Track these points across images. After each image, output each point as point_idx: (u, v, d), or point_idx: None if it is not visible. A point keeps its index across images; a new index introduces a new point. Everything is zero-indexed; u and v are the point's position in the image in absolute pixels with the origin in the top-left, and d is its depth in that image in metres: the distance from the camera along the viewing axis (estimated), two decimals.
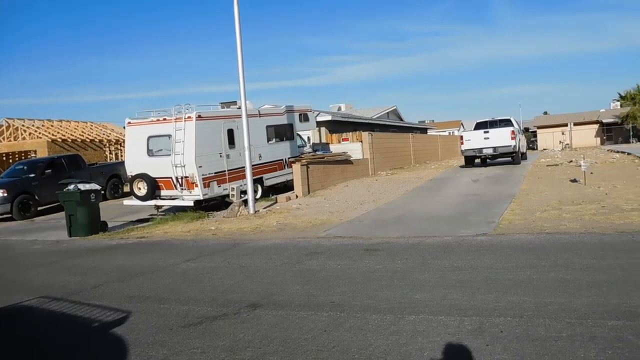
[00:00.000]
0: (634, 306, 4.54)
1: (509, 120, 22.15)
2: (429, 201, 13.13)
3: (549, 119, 62.34)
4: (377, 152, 22.47)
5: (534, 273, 5.90)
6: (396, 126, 36.62)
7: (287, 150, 17.86)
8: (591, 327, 4.15)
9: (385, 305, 5.15)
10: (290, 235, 10.06)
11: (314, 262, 7.52)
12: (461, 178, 17.78)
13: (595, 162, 19.92)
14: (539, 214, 9.96)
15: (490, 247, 7.54)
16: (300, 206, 14.11)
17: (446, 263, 6.74)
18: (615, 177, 14.99)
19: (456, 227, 9.32)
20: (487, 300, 5.01)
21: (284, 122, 18.09)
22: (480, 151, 20.82)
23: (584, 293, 5.03)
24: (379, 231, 9.64)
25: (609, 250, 6.77)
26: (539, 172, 18.24)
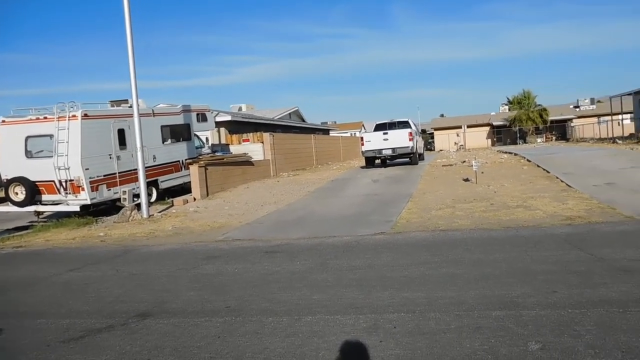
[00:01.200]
0: (515, 296, 4.92)
1: (407, 122, 23.19)
2: (330, 202, 13.37)
3: (445, 121, 66.19)
4: (278, 153, 22.51)
5: (428, 269, 6.21)
6: (298, 127, 36.97)
7: (184, 152, 17.36)
8: (477, 318, 4.44)
9: (283, 307, 5.15)
10: (186, 240, 9.76)
11: (210, 266, 7.35)
12: (362, 178, 18.32)
13: (486, 163, 21.42)
14: (434, 212, 10.51)
15: (387, 246, 7.82)
16: (198, 209, 13.76)
17: (345, 263, 6.89)
18: (503, 176, 16.22)
19: (356, 227, 9.57)
20: (382, 298, 5.19)
21: (181, 122, 17.57)
22: (379, 152, 21.58)
23: (472, 286, 5.37)
24: (279, 233, 9.64)
25: (495, 245, 7.29)
26: (435, 172, 19.27)
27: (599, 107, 55.78)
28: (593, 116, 52.91)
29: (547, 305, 4.61)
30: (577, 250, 6.59)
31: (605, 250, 6.43)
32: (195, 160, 16.71)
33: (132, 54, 12.98)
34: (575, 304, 4.58)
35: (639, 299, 4.58)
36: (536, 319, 4.30)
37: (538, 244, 7.13)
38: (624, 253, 6.25)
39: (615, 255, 6.16)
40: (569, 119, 56.37)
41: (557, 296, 4.83)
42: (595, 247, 6.69)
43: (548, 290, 5.03)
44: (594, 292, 4.86)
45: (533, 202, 10.83)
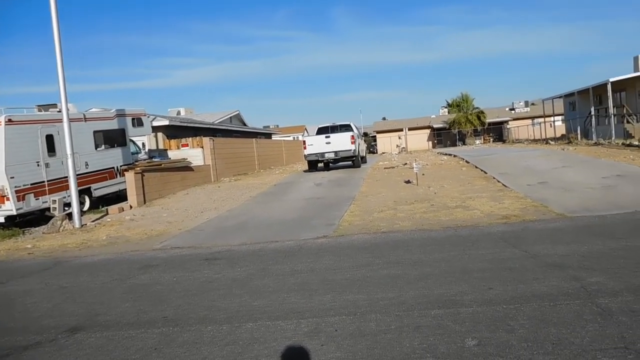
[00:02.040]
0: (453, 295, 5.08)
1: (349, 125, 23.48)
2: (272, 206, 13.33)
3: (387, 124, 67.52)
4: (219, 157, 22.22)
5: (369, 271, 6.30)
6: (240, 131, 36.66)
7: (119, 158, 16.84)
8: (417, 317, 4.54)
9: (223, 315, 5.08)
10: (122, 249, 9.45)
11: (147, 276, 7.15)
12: (304, 182, 18.37)
13: (426, 164, 21.99)
14: (376, 214, 10.69)
15: (329, 249, 7.88)
16: (135, 217, 13.36)
17: (287, 267, 6.89)
18: (443, 177, 16.71)
19: (298, 231, 9.58)
20: (324, 301, 5.22)
21: (115, 127, 17.03)
22: (322, 155, 21.71)
23: (412, 286, 5.50)
24: (220, 239, 9.51)
25: (435, 245, 7.50)
26: (377, 174, 19.60)
27: (532, 109, 58.56)
28: (527, 118, 55.47)
29: (483, 302, 4.79)
30: (512, 247, 6.88)
31: (538, 247, 6.74)
32: (131, 167, 16.23)
33: (60, 55, 12.47)
34: (510, 299, 4.78)
35: (568, 292, 4.84)
36: (473, 315, 4.46)
37: (475, 242, 7.40)
38: (555, 249, 6.58)
39: (547, 252, 6.47)
40: (505, 121, 58.85)
41: (493, 293, 5.02)
42: (528, 244, 7.00)
43: (484, 287, 5.23)
44: (527, 288, 5.08)
45: (471, 202, 11.21)
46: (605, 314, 4.22)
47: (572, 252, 6.36)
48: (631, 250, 6.22)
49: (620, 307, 4.34)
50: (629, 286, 4.84)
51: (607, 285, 4.93)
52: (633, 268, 5.42)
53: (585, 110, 35.07)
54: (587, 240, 6.91)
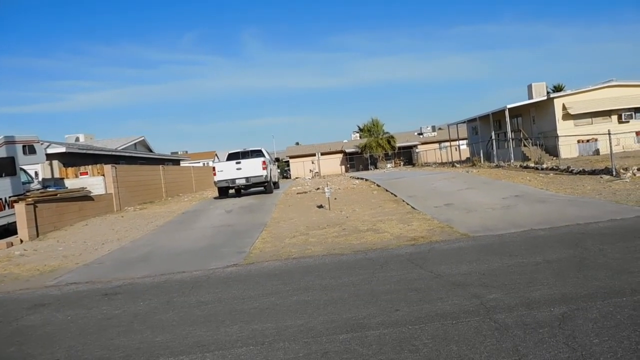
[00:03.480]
0: (361, 318, 5.19)
1: (260, 150, 23.51)
2: (180, 235, 12.97)
3: (300, 149, 68.34)
4: (123, 186, 21.36)
5: (278, 298, 6.29)
6: (145, 158, 35.48)
7: (7, 188, 15.71)
8: (325, 343, 4.59)
9: (121, 353, 4.84)
10: (9, 288, 8.76)
11: (37, 316, 6.66)
12: (215, 209, 18.08)
13: (339, 189, 22.44)
14: (288, 240, 10.72)
15: (239, 278, 7.78)
16: (26, 252, 12.45)
17: (193, 299, 6.71)
18: (355, 201, 17.12)
19: (207, 260, 9.39)
20: (231, 332, 5.13)
21: (3, 155, 15.92)
22: (233, 182, 21.52)
23: (321, 312, 5.55)
24: (121, 272, 9.09)
25: (345, 269, 7.63)
26: (289, 200, 19.70)
27: (439, 133, 61.81)
28: (435, 142, 58.51)
29: (390, 323, 4.93)
30: (419, 268, 7.16)
31: (443, 267, 7.07)
32: (22, 198, 15.17)
33: None
34: (415, 320, 4.96)
35: (468, 310, 5.10)
36: (379, 338, 4.57)
37: (384, 265, 7.62)
38: (458, 268, 6.93)
39: (451, 271, 6.80)
40: (414, 145, 61.65)
41: (399, 314, 5.19)
42: (434, 264, 7.32)
43: (391, 309, 5.38)
44: (431, 307, 5.30)
45: (381, 225, 11.56)
46: (502, 328, 4.49)
47: (473, 270, 6.73)
48: (525, 266, 6.69)
49: (515, 321, 4.64)
50: (523, 301, 5.20)
51: (504, 300, 5.27)
52: (526, 283, 5.83)
53: (486, 134, 37.56)
54: (487, 259, 7.34)
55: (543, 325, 4.46)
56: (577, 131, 29.98)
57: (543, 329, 4.37)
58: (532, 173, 21.64)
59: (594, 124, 30.91)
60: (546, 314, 4.76)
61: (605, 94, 31.78)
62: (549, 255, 7.16)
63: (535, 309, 4.92)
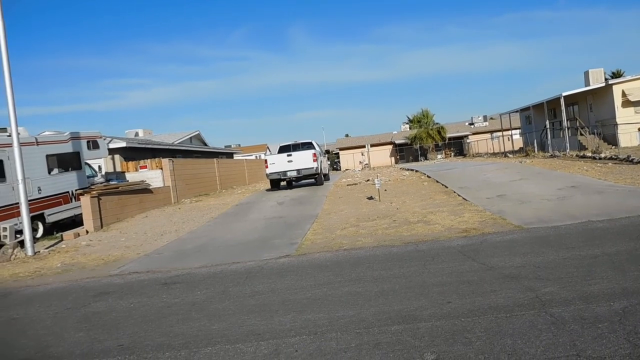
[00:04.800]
0: (412, 310, 5.15)
1: (311, 143, 23.61)
2: (233, 227, 13.23)
3: (350, 141, 68.16)
4: (179, 179, 21.96)
5: (330, 289, 6.32)
6: (200, 151, 36.32)
7: (74, 182, 16.44)
8: (377, 334, 4.58)
9: (180, 340, 5.00)
10: (76, 277, 9.20)
11: (102, 303, 6.97)
12: (267, 201, 18.32)
13: (388, 180, 22.27)
14: (339, 232, 10.74)
15: (291, 268, 7.87)
16: (91, 242, 13.03)
17: (247, 289, 6.84)
18: (405, 193, 16.95)
19: (260, 251, 9.54)
20: (284, 322, 5.20)
21: (69, 150, 16.66)
22: (284, 174, 21.73)
23: (372, 303, 5.54)
24: (179, 262, 9.37)
25: (396, 261, 7.58)
26: (339, 191, 19.71)
27: (491, 123, 60.24)
28: (486, 132, 57.08)
29: (441, 316, 4.87)
30: (471, 260, 7.03)
31: (495, 259, 6.91)
32: (87, 190, 15.86)
33: (9, 77, 12.15)
34: (467, 312, 4.88)
35: (522, 303, 4.97)
36: (431, 330, 4.53)
37: (435, 257, 7.52)
38: (511, 261, 6.75)
39: (503, 264, 6.64)
40: (465, 135, 60.30)
41: (451, 306, 5.12)
42: (486, 256, 7.17)
43: (443, 301, 5.32)
44: (484, 300, 5.20)
45: (432, 216, 11.41)
46: (558, 322, 4.35)
47: (527, 263, 6.54)
48: (582, 259, 6.44)
49: (572, 315, 4.49)
50: (580, 295, 5.01)
51: (560, 294, 5.10)
52: (584, 277, 5.62)
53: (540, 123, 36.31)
54: (541, 251, 7.12)
55: (602, 320, 4.29)
56: (637, 119, 28.52)
57: (602, 324, 4.21)
58: (589, 163, 20.77)
59: None
60: (605, 308, 4.57)
61: None
62: (608, 248, 6.88)
63: (594, 303, 4.74)
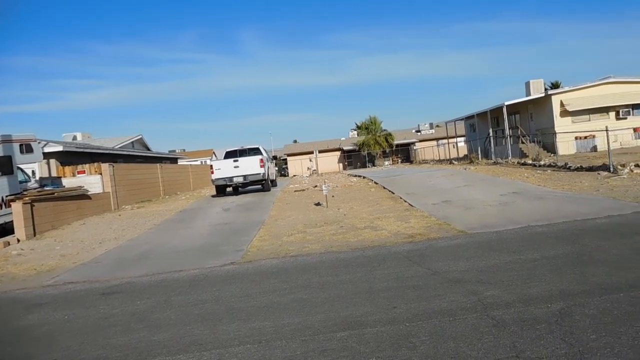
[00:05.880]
0: (358, 316, 5.19)
1: (258, 148, 23.48)
2: (177, 234, 12.96)
3: (298, 147, 68.31)
4: (120, 184, 21.32)
5: (276, 296, 6.29)
6: (143, 156, 35.42)
7: (4, 187, 15.65)
8: (323, 341, 4.59)
9: (118, 353, 4.84)
10: (6, 288, 8.74)
11: (34, 316, 6.66)
12: (212, 208, 18.07)
13: (336, 186, 22.43)
14: (286, 238, 10.72)
15: (237, 276, 7.78)
16: (23, 252, 12.43)
17: (190, 298, 6.71)
18: (352, 199, 17.11)
19: (204, 259, 9.38)
20: (229, 331, 5.13)
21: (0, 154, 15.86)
22: (230, 180, 21.51)
23: (319, 310, 5.55)
24: (119, 271, 9.08)
25: (343, 267, 7.63)
26: (287, 197, 19.69)
27: (437, 131, 61.86)
28: (432, 139, 58.51)
29: (387, 321, 4.93)
30: (416, 265, 7.16)
31: (440, 264, 7.07)
32: (19, 197, 15.14)
33: None
34: (413, 317, 4.97)
35: (466, 307, 5.10)
36: (377, 335, 4.57)
37: (382, 262, 7.62)
38: (456, 265, 6.93)
39: (448, 268, 6.81)
40: (412, 142, 61.65)
41: (397, 311, 5.19)
42: (432, 261, 7.33)
43: (389, 306, 5.39)
44: (429, 304, 5.31)
45: (379, 222, 11.56)
46: (500, 325, 4.50)
47: (471, 267, 6.73)
48: (523, 263, 6.70)
49: (512, 317, 4.65)
50: (521, 297, 5.20)
51: (501, 297, 5.27)
52: (524, 280, 5.84)
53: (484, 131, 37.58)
54: (484, 256, 7.34)
55: (540, 322, 4.47)
56: (574, 128, 30.01)
57: (540, 325, 4.38)
58: (529, 170, 21.65)
59: (591, 120, 30.94)
60: (544, 310, 4.77)
61: (602, 90, 31.80)
62: (547, 252, 7.18)
63: (533, 305, 4.93)
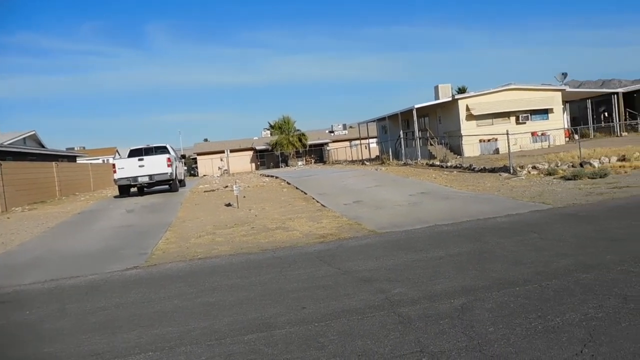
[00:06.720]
0: (267, 317, 5.18)
1: (165, 147, 22.82)
2: (75, 238, 12.28)
3: (209, 145, 67.04)
4: (9, 184, 19.87)
5: (182, 301, 6.13)
6: (36, 154, 33.22)
7: None
8: (230, 344, 4.53)
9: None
10: None
11: None
12: (114, 209, 17.31)
13: (248, 187, 22.28)
14: (194, 240, 10.49)
15: (140, 281, 7.51)
16: None
17: (88, 305, 6.38)
18: (264, 199, 17.07)
19: (105, 263, 8.96)
20: (129, 339, 4.93)
21: None
22: (135, 180, 20.73)
23: (227, 313, 5.48)
24: (6, 279, 8.44)
25: (253, 269, 7.59)
26: (196, 198, 19.29)
27: (350, 132, 63.09)
28: (346, 140, 59.65)
29: (296, 322, 4.96)
30: (327, 265, 7.27)
31: (351, 264, 7.23)
32: None
33: None
34: (322, 317, 5.03)
35: (374, 305, 5.25)
36: (286, 336, 4.59)
37: (293, 263, 7.66)
38: (366, 264, 7.11)
39: (358, 267, 6.97)
40: (326, 143, 62.50)
41: (306, 312, 5.24)
42: (342, 261, 7.47)
43: (298, 307, 5.42)
44: (338, 304, 5.40)
45: (291, 223, 11.62)
46: (405, 321, 4.67)
47: (380, 266, 6.94)
48: (429, 260, 7.00)
49: (418, 314, 4.84)
50: (426, 294, 5.43)
51: (408, 294, 5.48)
52: (430, 277, 6.11)
53: (395, 133, 38.84)
54: (393, 254, 7.59)
55: (444, 317, 4.68)
56: (479, 131, 31.75)
57: (444, 320, 4.59)
58: (437, 171, 22.67)
59: (494, 124, 32.86)
60: (447, 305, 5.00)
61: (504, 96, 33.87)
62: (452, 250, 7.54)
63: (437, 301, 5.16)
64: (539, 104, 33.60)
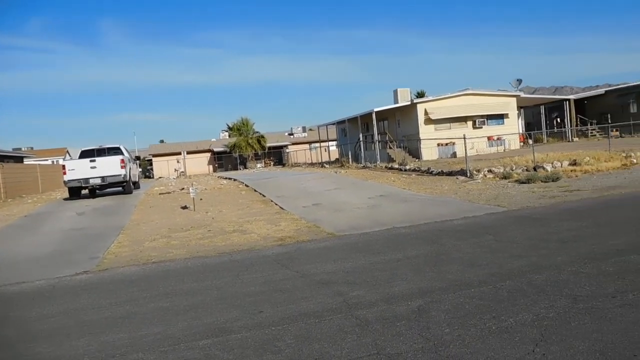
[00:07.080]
0: (223, 322, 5.11)
1: (118, 148, 22.30)
2: (20, 242, 11.84)
3: (165, 147, 65.92)
4: None
5: (134, 306, 5.99)
6: None
7: None
8: (184, 350, 4.44)
9: None
10: None
11: None
12: (64, 212, 16.79)
13: (205, 189, 22.00)
14: (148, 244, 10.28)
15: (90, 286, 7.29)
16: None
17: (33, 313, 6.14)
18: (222, 202, 16.89)
19: (53, 268, 8.67)
20: (77, 346, 4.77)
21: None
22: (86, 181, 20.18)
23: (182, 318, 5.38)
24: None
25: (209, 273, 7.48)
26: (151, 200, 18.92)
27: (310, 134, 63.23)
28: (305, 143, 59.74)
29: (253, 326, 4.91)
30: (285, 269, 7.23)
31: (309, 267, 7.21)
32: None
33: None
34: (279, 320, 4.99)
35: (332, 308, 5.25)
36: (242, 341, 4.53)
37: (250, 266, 7.59)
38: (324, 267, 7.11)
39: (316, 270, 6.96)
40: (285, 145, 62.39)
41: (263, 316, 5.19)
42: (300, 264, 7.45)
43: (255, 310, 5.37)
44: (295, 307, 5.37)
45: (249, 226, 11.53)
46: (363, 324, 4.69)
47: (338, 269, 6.95)
48: (387, 263, 7.06)
49: (375, 316, 4.87)
50: (384, 296, 5.47)
51: (366, 297, 5.50)
52: (387, 279, 6.16)
53: (355, 136, 39.14)
54: (352, 257, 7.63)
55: (401, 319, 4.73)
56: (437, 135, 32.32)
57: (401, 322, 4.63)
58: (396, 174, 22.94)
59: (452, 128, 33.52)
60: (404, 307, 5.05)
61: (462, 101, 34.61)
62: (409, 252, 7.63)
63: (394, 303, 5.20)
64: (495, 109, 34.46)
